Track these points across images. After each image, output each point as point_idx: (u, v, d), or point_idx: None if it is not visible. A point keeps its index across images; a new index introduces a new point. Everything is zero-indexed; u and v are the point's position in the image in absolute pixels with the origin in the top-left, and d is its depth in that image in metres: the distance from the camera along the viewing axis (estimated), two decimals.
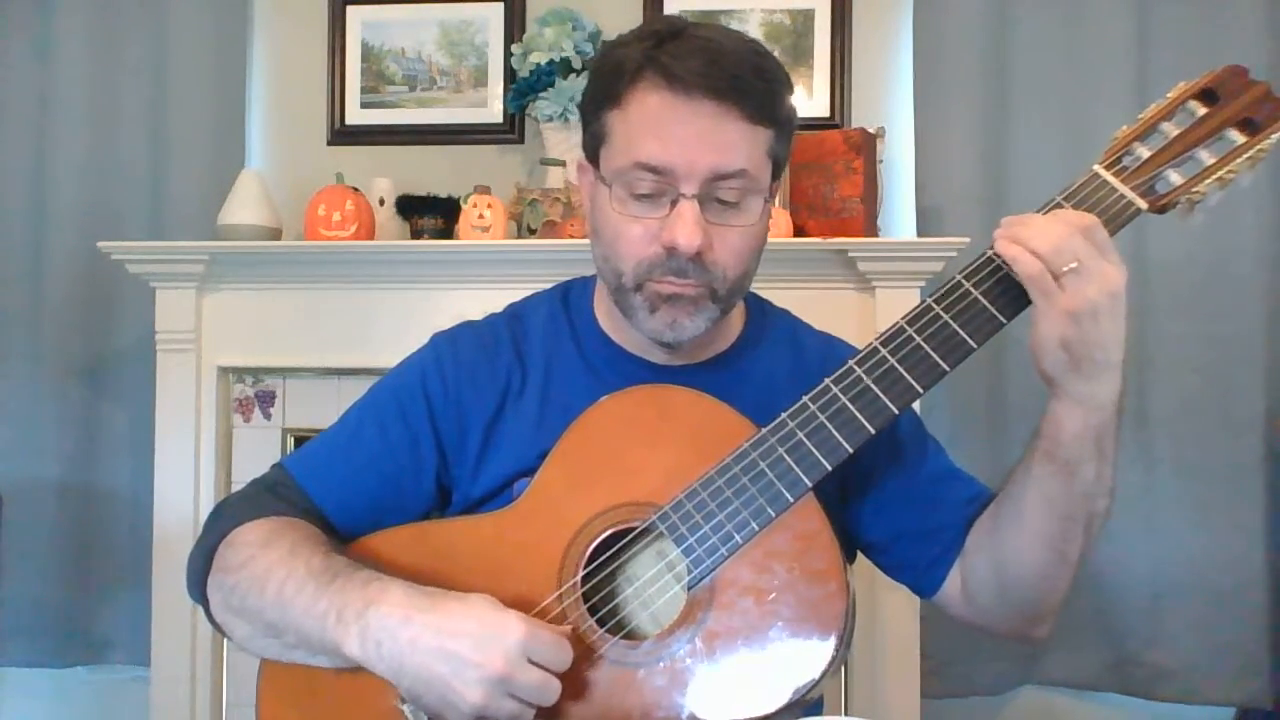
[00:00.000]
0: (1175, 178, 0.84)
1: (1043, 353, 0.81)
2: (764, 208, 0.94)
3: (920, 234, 2.19)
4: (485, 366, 1.03)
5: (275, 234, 2.17)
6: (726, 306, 0.96)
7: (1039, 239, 0.79)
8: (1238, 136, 0.83)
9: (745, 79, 0.89)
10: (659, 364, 1.02)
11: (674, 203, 0.90)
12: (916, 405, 0.91)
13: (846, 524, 1.02)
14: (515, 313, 1.09)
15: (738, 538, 0.85)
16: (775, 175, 0.97)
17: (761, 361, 1.05)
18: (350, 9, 2.40)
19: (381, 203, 2.23)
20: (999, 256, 0.82)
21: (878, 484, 1.02)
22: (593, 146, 0.97)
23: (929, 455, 1.04)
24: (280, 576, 0.89)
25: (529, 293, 1.12)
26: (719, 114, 0.89)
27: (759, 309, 1.10)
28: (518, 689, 0.80)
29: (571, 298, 1.08)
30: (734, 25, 2.28)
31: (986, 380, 2.15)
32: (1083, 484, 0.86)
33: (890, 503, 1.02)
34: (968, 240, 1.92)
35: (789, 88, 0.95)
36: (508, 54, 2.32)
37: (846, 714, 1.89)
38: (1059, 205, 0.84)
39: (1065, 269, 0.78)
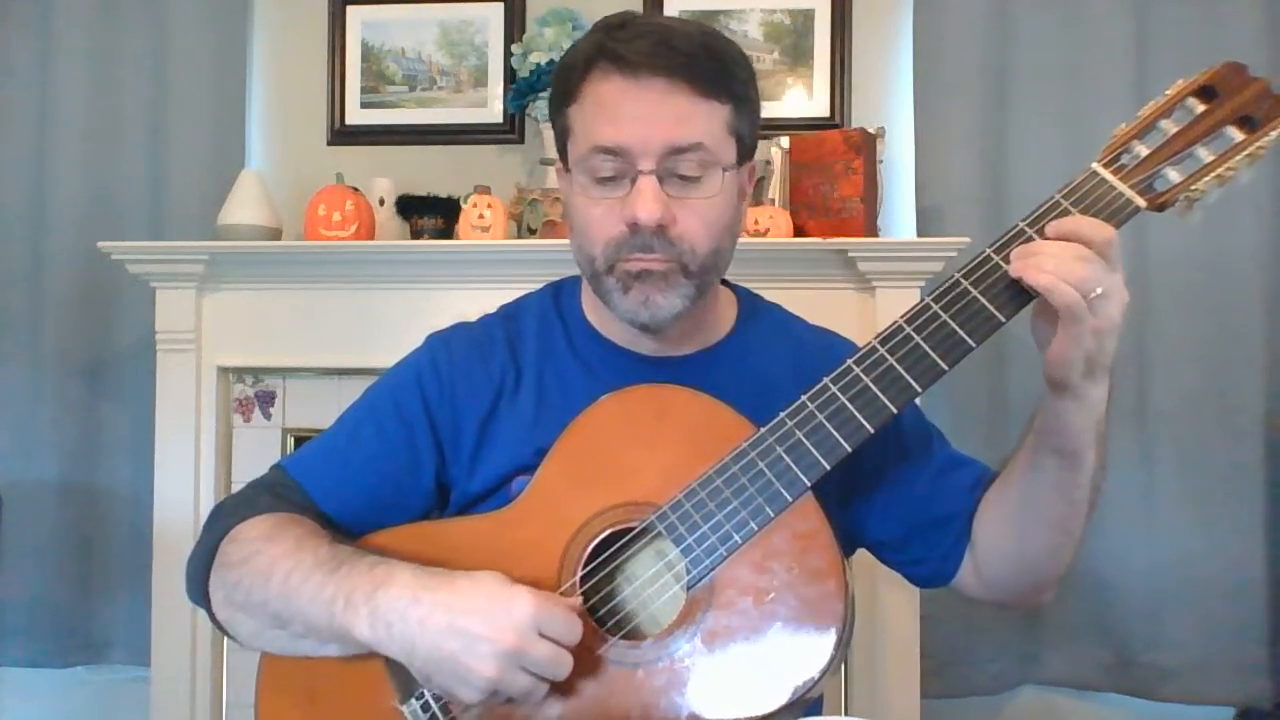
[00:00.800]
0: (1174, 175, 0.84)
1: (1064, 368, 0.82)
2: (726, 181, 0.95)
3: (920, 234, 2.19)
4: (479, 366, 1.04)
5: (275, 234, 2.17)
6: (702, 284, 0.96)
7: (1071, 269, 0.78)
8: (1237, 134, 0.83)
9: (694, 55, 0.91)
10: (649, 356, 1.03)
11: (634, 181, 0.92)
12: (915, 404, 0.91)
13: (850, 524, 1.02)
14: (508, 313, 1.09)
15: (736, 538, 0.85)
16: (745, 154, 0.98)
17: (754, 352, 1.05)
18: (350, 9, 2.40)
19: (381, 203, 2.23)
20: (1033, 284, 0.80)
21: (886, 483, 1.02)
22: (561, 145, 1.00)
23: (933, 447, 1.05)
24: (286, 568, 0.89)
25: (525, 293, 1.12)
26: (669, 89, 0.91)
27: (749, 301, 1.11)
28: (530, 662, 0.80)
29: (562, 296, 1.09)
30: (734, 25, 2.29)
31: (986, 379, 2.15)
32: (1088, 469, 0.88)
33: (900, 500, 1.02)
34: (968, 240, 1.91)
35: (745, 65, 0.97)
36: (508, 54, 2.33)
37: (846, 714, 1.89)
38: (1058, 203, 0.84)
39: (1092, 295, 0.78)
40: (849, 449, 0.86)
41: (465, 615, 0.81)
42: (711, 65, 0.92)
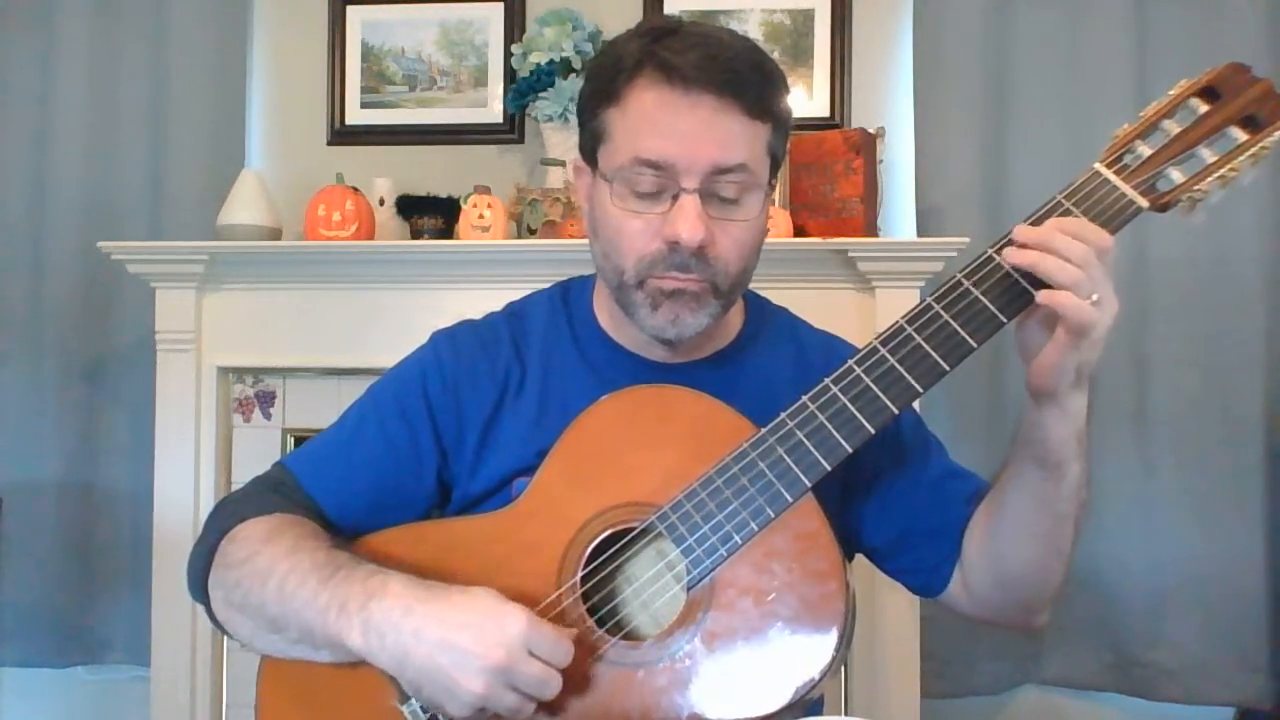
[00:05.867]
0: (1177, 176, 0.84)
1: (1056, 377, 0.81)
2: (764, 203, 0.95)
3: (920, 234, 2.19)
4: (484, 364, 1.03)
5: (275, 234, 2.17)
6: (728, 303, 0.96)
7: (1064, 274, 0.78)
8: (1239, 134, 0.83)
9: (743, 73, 0.90)
10: (658, 362, 1.02)
11: (675, 197, 0.90)
12: (916, 405, 0.91)
13: (847, 529, 1.02)
14: (514, 311, 1.09)
15: (737, 538, 0.85)
16: (773, 172, 0.97)
17: (761, 358, 1.05)
18: (350, 9, 2.40)
19: (381, 203, 2.23)
20: (1050, 305, 0.79)
21: (881, 487, 1.02)
22: (590, 146, 0.97)
23: (931, 456, 1.04)
24: (282, 571, 0.89)
25: (529, 293, 1.12)
26: (718, 108, 0.89)
27: (758, 306, 1.10)
28: (518, 680, 0.80)
29: (571, 297, 1.09)
30: (734, 25, 2.28)
31: (986, 380, 2.15)
32: (1071, 481, 0.88)
33: (894, 506, 1.02)
34: (968, 240, 1.91)
35: (785, 85, 0.96)
36: (508, 54, 2.32)
37: (846, 714, 1.89)
38: (1060, 204, 0.84)
39: (1089, 301, 0.78)
40: (849, 449, 0.86)
41: (457, 630, 0.81)
42: (759, 83, 0.91)
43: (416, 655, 0.81)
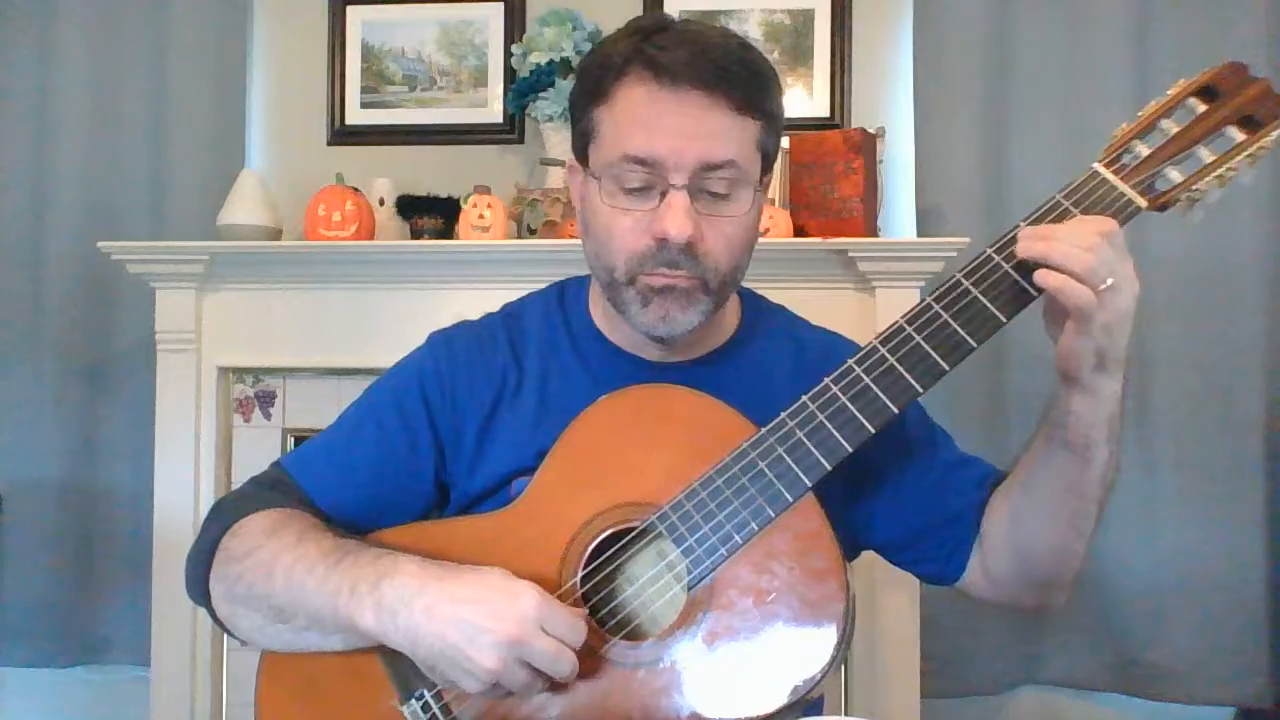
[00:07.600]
0: (1175, 175, 0.84)
1: (1075, 362, 0.82)
2: (754, 199, 0.95)
3: (920, 234, 2.19)
4: (481, 365, 1.03)
5: (275, 234, 2.17)
6: (719, 299, 0.96)
7: (1080, 260, 0.78)
8: (1237, 134, 0.83)
9: (732, 70, 0.90)
10: (655, 361, 1.02)
11: (663, 194, 0.90)
12: (920, 405, 0.91)
13: (855, 526, 1.02)
14: (511, 312, 1.09)
15: (737, 538, 0.85)
16: (765, 169, 0.97)
17: (758, 356, 1.05)
18: (350, 9, 2.40)
19: (381, 203, 2.23)
20: (1044, 287, 0.79)
21: (891, 484, 1.02)
22: (581, 144, 0.98)
23: (939, 447, 1.05)
24: (289, 560, 0.89)
25: (528, 293, 1.12)
26: (706, 104, 0.89)
27: (754, 304, 1.10)
28: (531, 656, 0.80)
29: (567, 297, 1.09)
30: (734, 25, 2.28)
31: (986, 379, 2.15)
32: (1099, 465, 0.88)
33: (906, 501, 1.02)
34: (968, 240, 1.91)
35: (776, 82, 0.96)
36: (508, 54, 2.33)
37: (846, 714, 1.89)
38: (1059, 204, 0.84)
39: (1102, 287, 0.78)
40: (850, 449, 0.86)
41: (469, 605, 0.81)
42: (748, 81, 0.91)
43: (428, 633, 0.81)
